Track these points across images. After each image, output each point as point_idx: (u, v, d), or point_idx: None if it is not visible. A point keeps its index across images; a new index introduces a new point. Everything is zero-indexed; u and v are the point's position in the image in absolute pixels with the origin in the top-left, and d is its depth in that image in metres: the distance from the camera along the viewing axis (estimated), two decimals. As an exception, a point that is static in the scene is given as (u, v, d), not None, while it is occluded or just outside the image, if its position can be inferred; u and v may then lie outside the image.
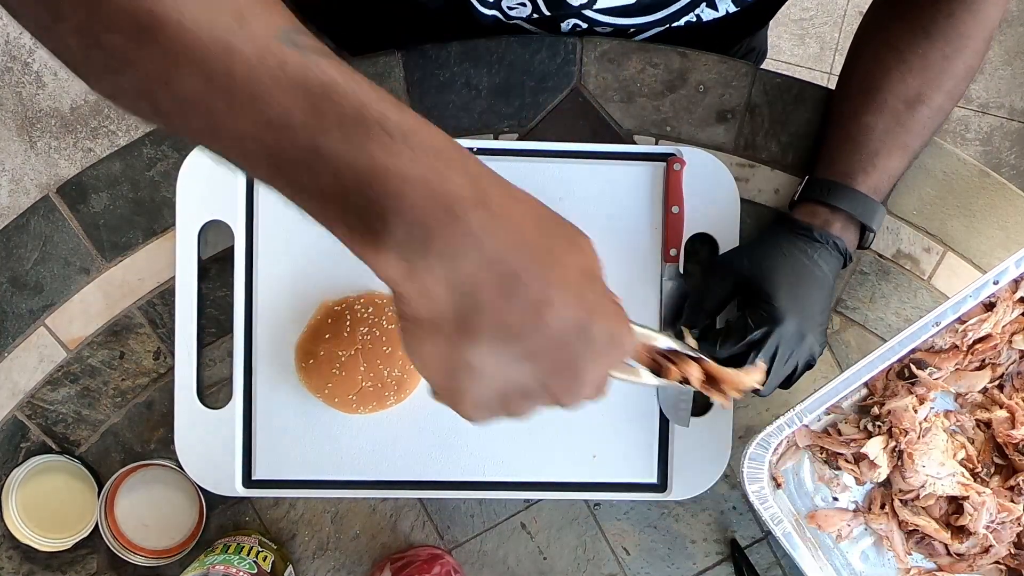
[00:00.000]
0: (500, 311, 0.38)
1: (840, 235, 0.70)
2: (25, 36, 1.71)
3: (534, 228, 0.39)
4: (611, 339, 0.42)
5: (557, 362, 0.41)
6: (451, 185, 0.37)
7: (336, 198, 0.37)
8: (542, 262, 0.39)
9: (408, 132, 0.37)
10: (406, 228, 0.36)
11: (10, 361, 0.77)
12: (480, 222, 0.37)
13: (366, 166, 0.36)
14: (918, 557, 0.78)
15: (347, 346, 0.74)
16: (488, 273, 0.38)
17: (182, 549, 0.77)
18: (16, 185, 1.71)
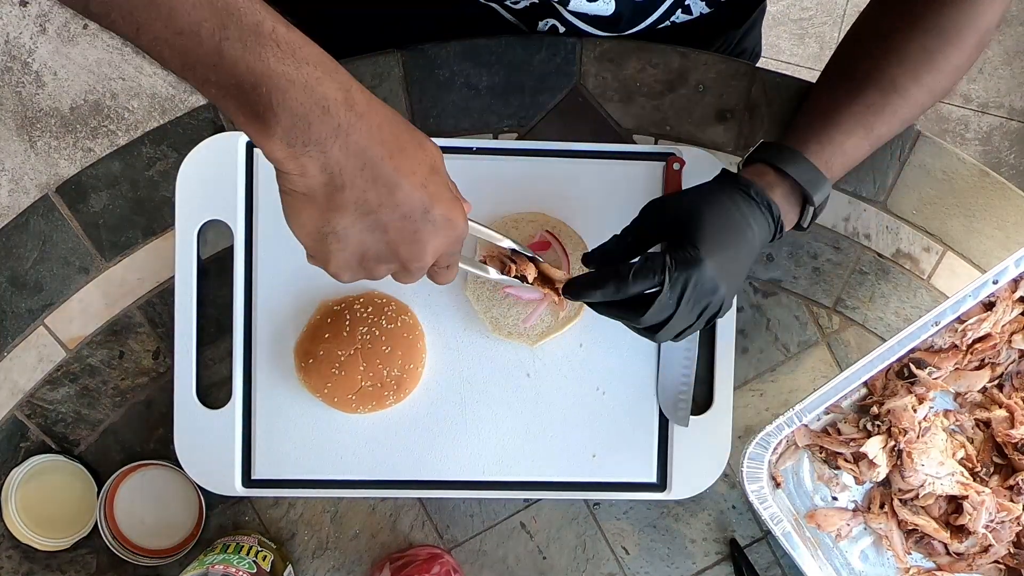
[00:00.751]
0: (360, 189, 0.50)
1: (779, 201, 0.67)
2: (25, 36, 1.71)
3: (389, 129, 0.50)
4: (447, 221, 0.53)
5: (403, 232, 0.52)
6: (326, 89, 0.47)
7: (236, 93, 0.46)
8: (394, 154, 0.50)
9: (295, 46, 0.47)
10: (290, 119, 0.47)
11: (10, 361, 0.77)
12: (347, 119, 0.48)
13: (261, 69, 0.46)
14: (917, 556, 0.78)
15: (346, 346, 0.74)
16: (353, 159, 0.49)
17: (182, 549, 0.77)
18: (16, 185, 1.71)
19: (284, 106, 0.46)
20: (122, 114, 1.72)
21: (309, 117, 0.47)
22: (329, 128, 0.48)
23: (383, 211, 0.51)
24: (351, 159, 0.49)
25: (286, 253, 0.76)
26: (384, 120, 0.50)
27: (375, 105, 0.50)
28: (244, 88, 0.46)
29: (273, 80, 0.46)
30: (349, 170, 0.49)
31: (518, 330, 0.76)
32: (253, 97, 0.46)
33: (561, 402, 0.78)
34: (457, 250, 0.57)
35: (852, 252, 0.80)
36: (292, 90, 0.46)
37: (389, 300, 0.76)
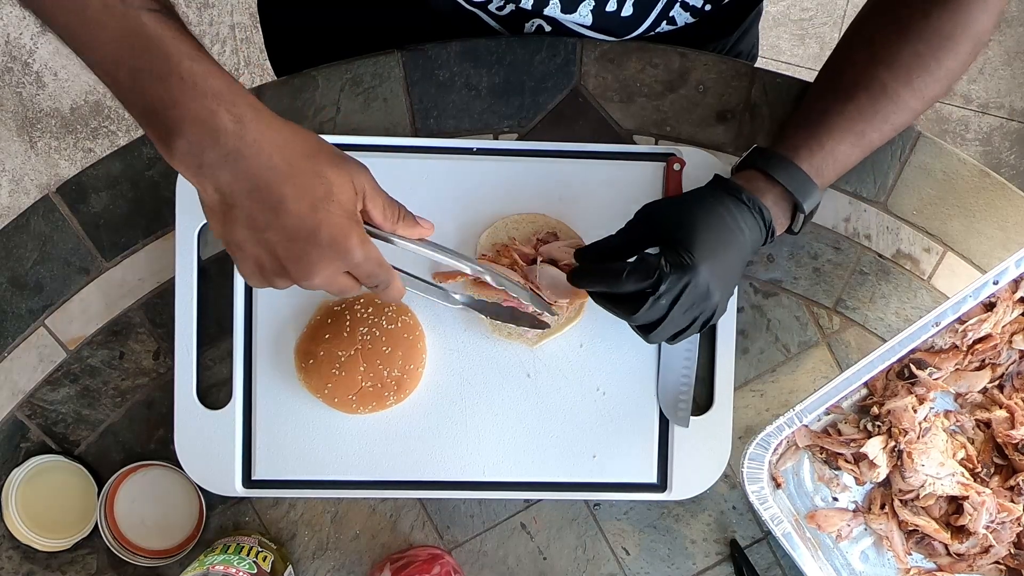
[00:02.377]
0: (248, 210, 0.55)
1: (769, 207, 0.68)
2: (25, 36, 1.71)
3: (281, 156, 0.55)
4: (333, 244, 0.56)
5: (290, 252, 0.56)
6: (218, 121, 0.53)
7: (148, 116, 0.53)
8: (284, 180, 0.54)
9: (197, 78, 0.52)
10: (186, 145, 0.53)
11: (10, 361, 0.77)
12: (236, 147, 0.53)
13: (166, 99, 0.52)
14: (918, 557, 0.78)
15: (347, 346, 0.74)
16: (242, 183, 0.54)
17: (182, 549, 0.77)
18: (16, 185, 1.71)
19: (180, 135, 0.53)
20: (122, 115, 1.72)
21: (201, 145, 0.53)
22: (219, 155, 0.53)
23: (270, 232, 0.55)
24: (240, 183, 0.54)
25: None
26: (277, 148, 0.55)
27: (271, 134, 0.55)
28: (151, 114, 0.53)
29: (173, 110, 0.52)
30: (238, 192, 0.54)
31: (518, 331, 0.76)
32: (157, 123, 0.53)
33: (561, 402, 0.78)
34: (370, 272, 0.59)
35: (852, 252, 0.80)
36: (187, 120, 0.52)
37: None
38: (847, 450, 0.77)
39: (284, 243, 0.56)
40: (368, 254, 0.58)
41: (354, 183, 0.58)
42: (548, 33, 0.80)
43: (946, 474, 0.75)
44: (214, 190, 0.55)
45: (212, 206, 0.55)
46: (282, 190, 0.54)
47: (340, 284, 0.59)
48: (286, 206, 0.55)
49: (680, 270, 0.63)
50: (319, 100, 0.78)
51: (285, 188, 0.54)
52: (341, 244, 0.56)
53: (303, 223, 0.55)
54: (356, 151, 0.76)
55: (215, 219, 0.56)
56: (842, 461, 0.77)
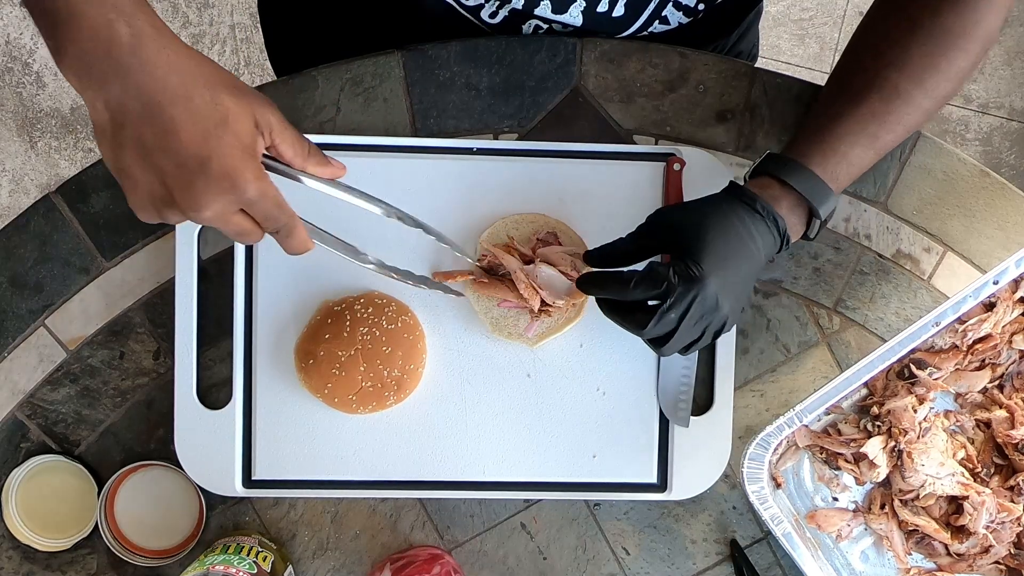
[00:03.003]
0: (137, 130, 0.52)
1: (785, 215, 0.67)
2: (25, 36, 1.71)
3: (179, 78, 0.52)
4: (225, 176, 0.53)
5: (178, 180, 0.53)
6: (113, 31, 0.51)
7: (44, 20, 0.52)
8: (177, 102, 0.52)
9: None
10: (77, 54, 0.51)
11: (10, 361, 0.77)
12: (128, 62, 0.51)
13: (64, 8, 0.50)
14: (918, 557, 0.78)
15: (347, 346, 0.74)
16: (132, 101, 0.51)
17: (182, 549, 0.77)
18: (16, 185, 1.71)
19: (72, 42, 0.50)
20: (122, 114, 1.72)
21: (93, 55, 0.51)
22: (109, 68, 0.51)
23: (157, 156, 0.52)
24: (130, 100, 0.51)
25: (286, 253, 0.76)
26: (174, 69, 0.52)
27: (168, 53, 0.52)
28: (49, 17, 0.51)
29: (70, 16, 0.50)
30: (128, 111, 0.52)
31: (518, 331, 0.76)
32: (53, 28, 0.51)
33: (561, 402, 0.78)
34: (268, 213, 0.56)
35: (852, 252, 0.80)
36: (82, 27, 0.50)
37: (389, 301, 0.76)
38: (847, 450, 0.77)
39: (173, 169, 0.53)
40: (264, 191, 0.55)
41: (257, 116, 0.55)
42: (547, 33, 0.80)
43: (946, 474, 0.75)
44: (103, 106, 0.52)
45: (101, 125, 0.52)
46: (173, 112, 0.52)
47: (234, 224, 0.56)
48: (176, 130, 0.52)
49: (688, 282, 0.62)
50: (319, 100, 0.78)
51: (177, 111, 0.52)
52: (232, 177, 0.53)
53: (194, 150, 0.52)
54: (356, 151, 0.76)
55: (104, 141, 0.53)
56: (842, 461, 0.77)
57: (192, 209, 0.53)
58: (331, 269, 0.76)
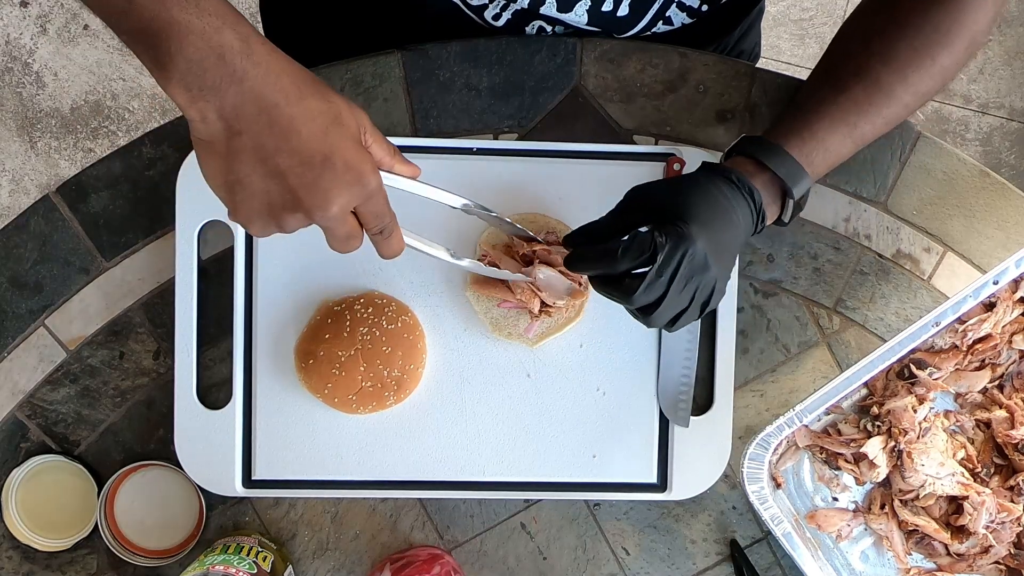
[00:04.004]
0: (256, 134, 0.51)
1: (760, 190, 0.67)
2: (25, 36, 1.71)
3: (290, 78, 0.52)
4: (349, 170, 0.53)
5: (303, 179, 0.52)
6: (223, 37, 0.50)
7: (141, 39, 0.50)
8: (292, 101, 0.51)
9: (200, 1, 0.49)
10: (186, 64, 0.49)
11: (10, 361, 0.77)
12: (243, 66, 0.50)
13: (164, 17, 0.49)
14: (918, 557, 0.78)
15: (347, 346, 0.74)
16: (249, 105, 0.51)
17: (182, 549, 0.77)
18: (16, 185, 1.71)
19: (181, 52, 0.49)
20: (122, 114, 1.72)
21: (205, 63, 0.49)
22: (224, 74, 0.50)
23: (280, 157, 0.52)
24: (247, 104, 0.51)
25: (286, 253, 0.76)
26: (284, 71, 0.52)
27: (277, 56, 0.52)
28: (148, 35, 0.49)
29: (173, 28, 0.49)
30: (245, 115, 0.51)
31: (518, 331, 0.76)
32: (155, 43, 0.49)
33: (561, 402, 0.78)
34: (379, 211, 0.57)
35: (852, 253, 0.80)
36: (190, 37, 0.49)
37: (389, 300, 0.76)
38: (847, 450, 0.77)
39: (297, 168, 0.52)
40: (380, 184, 0.56)
41: (355, 115, 0.56)
42: (548, 33, 0.80)
43: (946, 474, 0.75)
44: (216, 116, 0.51)
45: (212, 137, 0.51)
46: (292, 111, 0.51)
47: (349, 224, 0.56)
48: (297, 128, 0.52)
49: (676, 239, 0.61)
50: (319, 100, 0.78)
51: (295, 109, 0.52)
52: (357, 168, 0.53)
53: (317, 146, 0.52)
54: (356, 151, 0.76)
55: (213, 154, 0.52)
56: (842, 461, 0.77)
57: (320, 207, 0.53)
58: (331, 269, 0.76)
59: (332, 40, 0.88)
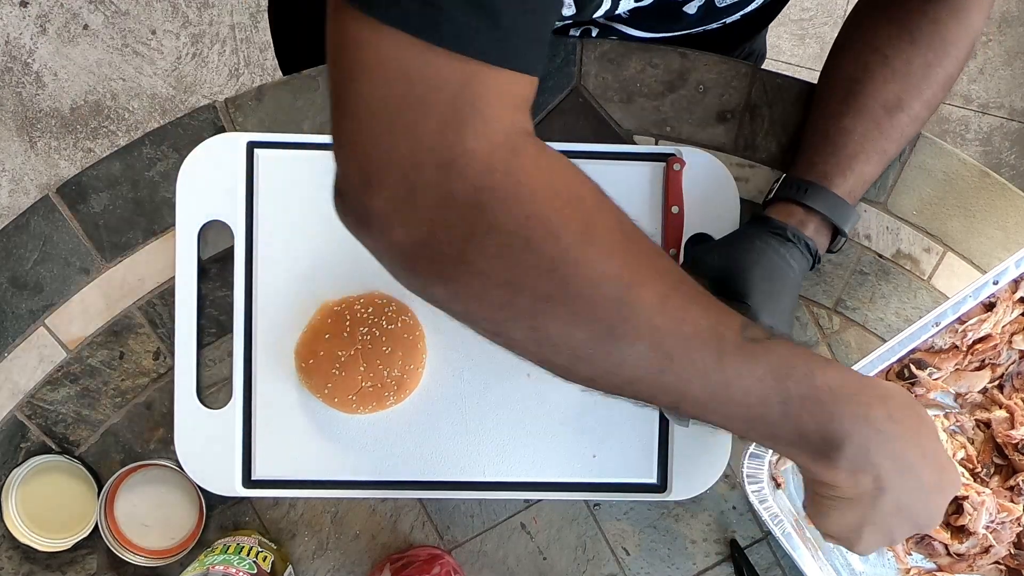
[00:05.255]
0: (900, 490, 0.54)
1: (813, 236, 0.70)
2: (25, 36, 1.71)
3: (915, 432, 0.55)
4: (953, 487, 0.59)
5: (928, 510, 0.58)
6: (875, 412, 0.52)
7: (804, 439, 0.51)
8: (920, 447, 0.55)
9: (832, 382, 0.51)
10: (853, 452, 0.51)
11: (10, 361, 0.77)
12: (893, 431, 0.53)
13: (822, 416, 0.51)
14: (918, 557, 0.78)
15: (347, 346, 0.74)
16: (896, 465, 0.53)
17: (182, 549, 0.77)
18: (16, 185, 1.71)
19: (849, 440, 0.51)
20: (122, 115, 1.72)
21: (868, 443, 0.52)
22: (882, 444, 0.52)
23: (917, 506, 0.56)
24: (896, 465, 0.53)
25: (286, 253, 0.76)
26: (910, 422, 0.55)
27: (904, 408, 0.55)
28: (808, 435, 0.51)
29: (833, 423, 0.51)
30: (893, 475, 0.54)
31: (518, 330, 0.76)
32: (816, 441, 0.51)
33: (561, 402, 0.78)
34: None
35: (852, 253, 0.80)
36: (848, 425, 0.51)
37: (389, 300, 0.76)
38: (847, 450, 0.77)
39: (923, 507, 0.57)
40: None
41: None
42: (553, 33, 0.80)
43: (946, 474, 0.75)
44: (872, 482, 0.53)
45: (858, 496, 0.54)
46: (922, 460, 0.55)
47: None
48: (929, 477, 0.56)
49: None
50: (319, 100, 0.78)
51: (921, 453, 0.55)
52: (957, 485, 0.59)
53: (941, 482, 0.57)
54: (356, 151, 0.76)
55: (857, 509, 0.55)
56: (842, 461, 0.77)
57: (931, 523, 0.59)
58: (331, 269, 0.76)
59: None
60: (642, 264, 0.47)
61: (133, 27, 1.72)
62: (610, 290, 0.45)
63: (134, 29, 1.72)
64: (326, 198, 0.76)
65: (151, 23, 1.73)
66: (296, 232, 0.76)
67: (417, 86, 0.42)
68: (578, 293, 0.45)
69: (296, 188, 0.76)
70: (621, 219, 0.48)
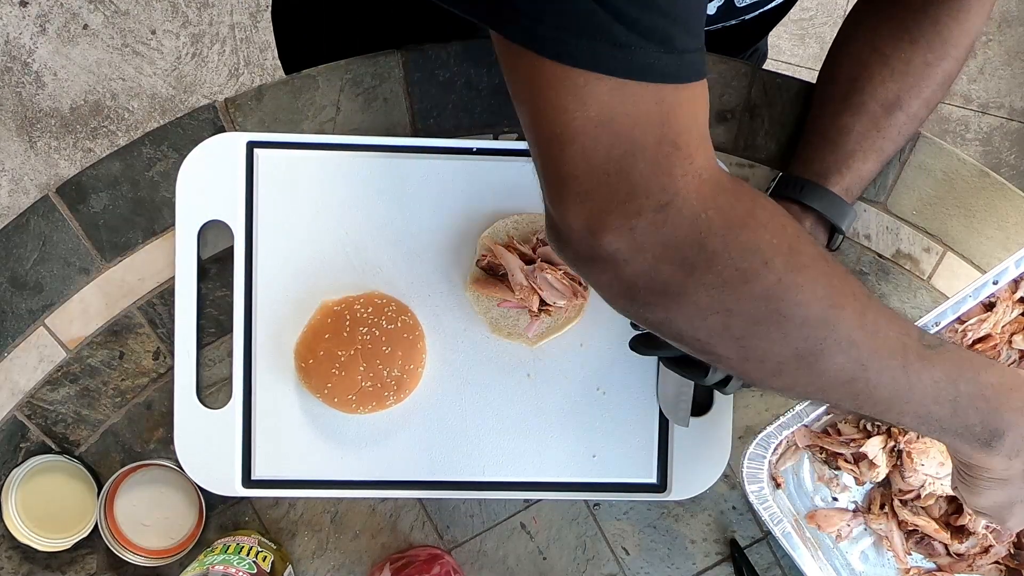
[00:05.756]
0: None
1: (809, 232, 0.70)
2: (25, 36, 1.71)
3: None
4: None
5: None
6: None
7: (968, 431, 0.56)
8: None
9: (995, 379, 0.55)
10: (1012, 440, 0.56)
11: (10, 361, 0.77)
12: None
13: (986, 410, 0.55)
14: (918, 557, 0.78)
15: (347, 346, 0.74)
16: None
17: (182, 549, 0.77)
18: (16, 185, 1.71)
19: (1012, 428, 0.55)
20: (122, 114, 1.72)
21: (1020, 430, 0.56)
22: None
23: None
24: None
25: (286, 253, 0.76)
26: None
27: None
28: (972, 428, 0.56)
29: (996, 414, 0.55)
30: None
31: (518, 330, 0.76)
32: (980, 433, 0.56)
33: (561, 402, 0.78)
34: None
35: (852, 252, 0.80)
36: (1010, 416, 0.55)
37: (389, 300, 0.76)
38: (847, 450, 0.77)
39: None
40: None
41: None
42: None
43: (946, 474, 0.75)
44: (1022, 462, 0.58)
45: (1012, 476, 0.59)
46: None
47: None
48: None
49: None
50: (319, 100, 0.78)
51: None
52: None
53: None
54: (356, 151, 0.76)
55: (1008, 487, 0.59)
56: (842, 461, 0.77)
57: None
58: (331, 269, 0.76)
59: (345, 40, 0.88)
60: (841, 285, 0.50)
61: (133, 27, 1.72)
62: (816, 311, 0.49)
63: (134, 29, 1.72)
64: (326, 198, 0.77)
65: (151, 23, 1.73)
66: (296, 232, 0.76)
67: (622, 131, 0.45)
68: (788, 315, 0.48)
69: (296, 188, 0.76)
70: (814, 243, 0.51)
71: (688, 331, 0.50)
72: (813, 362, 0.50)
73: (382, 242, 0.76)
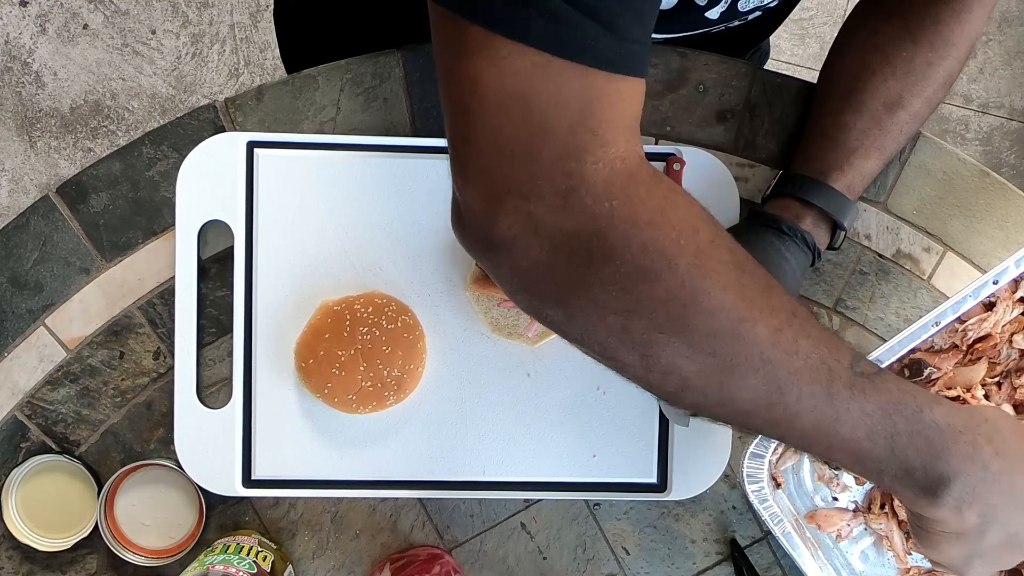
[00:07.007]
0: (1006, 522, 0.54)
1: (810, 230, 0.70)
2: (25, 36, 1.71)
3: (1019, 455, 0.54)
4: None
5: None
6: (981, 451, 0.52)
7: (908, 475, 0.51)
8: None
9: (939, 418, 0.51)
10: (960, 490, 0.51)
11: (10, 361, 0.77)
12: (1000, 467, 0.52)
13: (928, 453, 0.51)
14: (918, 557, 0.78)
15: (347, 346, 0.74)
16: (1004, 499, 0.53)
17: (182, 549, 0.77)
18: (16, 185, 1.71)
19: (956, 477, 0.51)
20: (122, 114, 1.72)
21: (974, 480, 0.52)
22: (989, 482, 0.52)
23: (1019, 536, 0.56)
24: (1003, 499, 0.53)
25: (286, 253, 0.76)
26: (1016, 453, 0.54)
27: (1008, 443, 0.54)
28: (912, 472, 0.51)
29: (940, 460, 0.51)
30: (1001, 509, 0.54)
31: (518, 330, 0.76)
32: (920, 478, 0.51)
33: (561, 402, 0.78)
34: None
35: (852, 252, 0.80)
36: (956, 463, 0.51)
37: (389, 300, 0.76)
38: (847, 450, 0.77)
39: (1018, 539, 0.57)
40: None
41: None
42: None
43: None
44: (977, 516, 0.53)
45: (966, 531, 0.54)
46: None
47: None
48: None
49: None
50: (319, 100, 0.78)
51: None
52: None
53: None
54: (356, 151, 0.76)
55: (963, 542, 0.55)
56: (842, 461, 0.77)
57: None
58: (331, 269, 0.76)
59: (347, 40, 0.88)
60: (756, 297, 0.47)
61: (133, 27, 1.72)
62: (724, 323, 0.45)
63: (134, 29, 1.72)
64: (326, 198, 0.77)
65: (151, 23, 1.73)
66: (296, 232, 0.76)
67: (537, 110, 0.42)
68: (692, 325, 0.45)
69: (296, 188, 0.76)
70: (734, 251, 0.47)
71: (588, 331, 0.47)
72: (724, 380, 0.47)
73: (382, 242, 0.76)
